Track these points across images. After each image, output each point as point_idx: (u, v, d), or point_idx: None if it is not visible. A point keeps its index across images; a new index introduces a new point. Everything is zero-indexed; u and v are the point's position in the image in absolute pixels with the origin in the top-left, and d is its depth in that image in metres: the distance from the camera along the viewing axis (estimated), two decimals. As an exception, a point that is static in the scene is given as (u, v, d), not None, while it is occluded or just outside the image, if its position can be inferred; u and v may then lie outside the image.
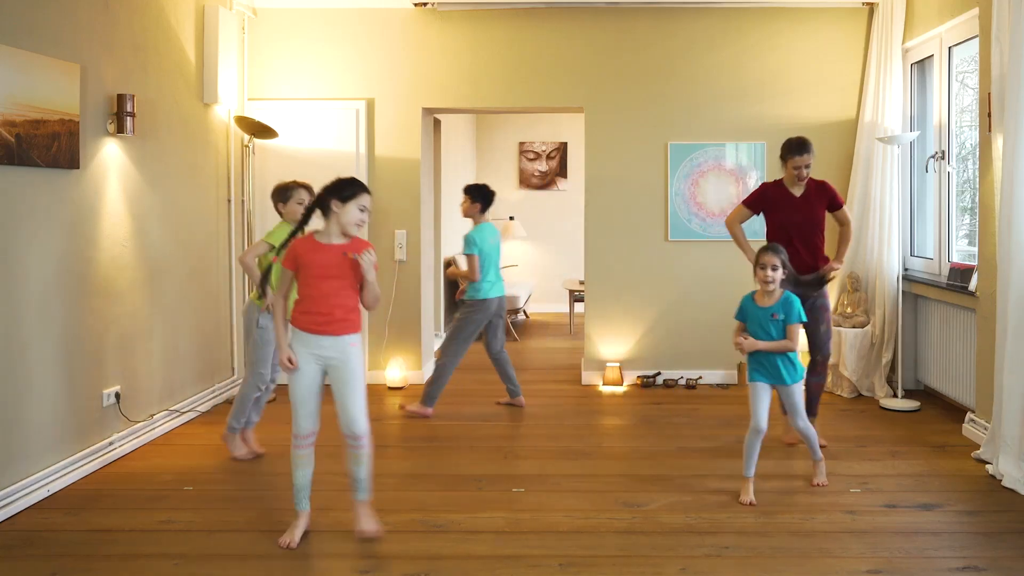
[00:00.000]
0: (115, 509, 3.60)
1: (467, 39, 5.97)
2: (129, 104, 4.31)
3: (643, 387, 5.94)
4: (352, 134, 5.96)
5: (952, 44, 5.03)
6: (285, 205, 4.11)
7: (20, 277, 3.61)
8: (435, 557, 3.10)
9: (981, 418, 4.45)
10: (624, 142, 6.00)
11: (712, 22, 5.94)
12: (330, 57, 5.96)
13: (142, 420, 4.56)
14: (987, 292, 4.36)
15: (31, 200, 3.68)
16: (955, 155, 5.12)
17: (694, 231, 5.98)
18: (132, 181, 4.50)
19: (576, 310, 8.58)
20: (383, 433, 4.75)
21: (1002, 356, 3.98)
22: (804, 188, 4.37)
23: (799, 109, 5.93)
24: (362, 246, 3.15)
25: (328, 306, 3.13)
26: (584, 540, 3.24)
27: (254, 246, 4.13)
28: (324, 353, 3.16)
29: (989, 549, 3.15)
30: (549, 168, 10.04)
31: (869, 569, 2.98)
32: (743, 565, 3.02)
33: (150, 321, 4.68)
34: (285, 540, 3.22)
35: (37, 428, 3.72)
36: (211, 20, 5.34)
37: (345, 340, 3.18)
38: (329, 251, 3.14)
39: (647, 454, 4.37)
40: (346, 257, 3.12)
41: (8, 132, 3.47)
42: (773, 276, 3.66)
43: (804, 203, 4.35)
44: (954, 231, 5.15)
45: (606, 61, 5.98)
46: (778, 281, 3.67)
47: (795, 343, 3.63)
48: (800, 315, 3.65)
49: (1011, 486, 3.76)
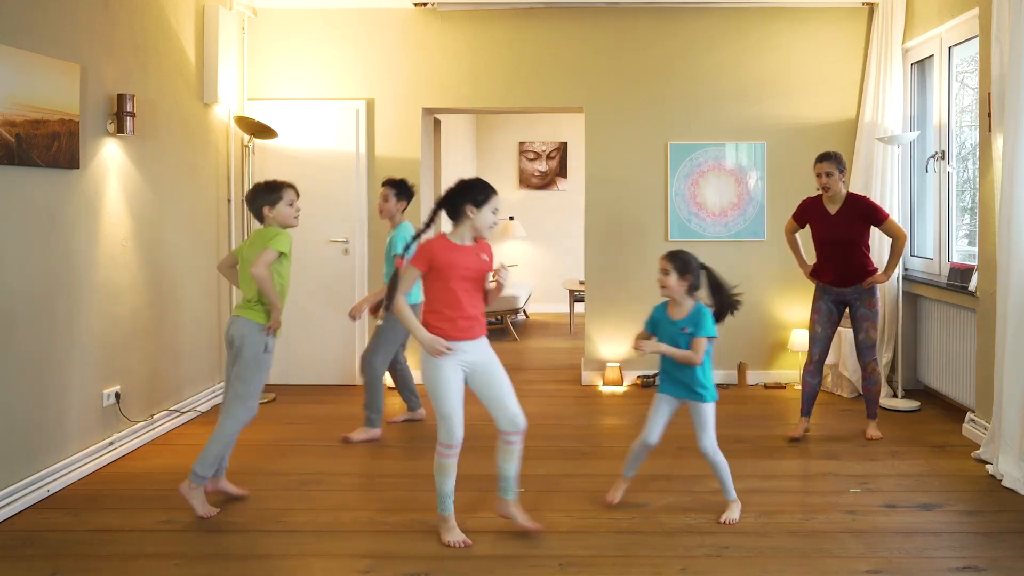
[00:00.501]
0: (115, 509, 3.60)
1: (467, 39, 5.97)
2: (129, 104, 4.31)
3: (643, 387, 5.94)
4: (352, 134, 5.96)
5: (952, 44, 5.03)
6: (273, 208, 3.59)
7: (20, 277, 3.61)
8: (435, 557, 3.10)
9: (981, 418, 4.45)
10: (624, 142, 6.00)
11: (712, 22, 5.94)
12: (330, 57, 5.97)
13: (142, 420, 4.56)
14: (987, 292, 4.36)
15: (31, 200, 3.68)
16: (955, 155, 5.12)
17: (694, 231, 5.98)
18: (132, 181, 4.50)
19: (576, 310, 8.58)
20: (383, 433, 4.75)
21: (1002, 356, 3.98)
22: (840, 205, 4.49)
23: (799, 109, 5.93)
24: (488, 249, 3.23)
25: (473, 309, 3.15)
26: (584, 540, 3.24)
27: (262, 256, 3.47)
28: (469, 358, 3.16)
29: (989, 549, 3.15)
30: (549, 168, 10.04)
31: (869, 569, 2.98)
32: (743, 565, 3.02)
33: (150, 321, 4.68)
34: (457, 540, 3.17)
35: (37, 428, 3.72)
36: (211, 20, 5.34)
37: (485, 341, 3.24)
38: (466, 253, 3.14)
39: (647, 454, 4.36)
40: (482, 260, 3.17)
41: (8, 132, 3.47)
42: (663, 281, 3.42)
43: (839, 220, 4.48)
44: (954, 231, 5.15)
45: (606, 61, 5.98)
46: (673, 288, 3.42)
47: (699, 356, 3.35)
48: (709, 330, 3.38)
49: (1011, 486, 3.76)
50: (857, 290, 4.49)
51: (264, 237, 3.56)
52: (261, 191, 3.63)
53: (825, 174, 4.45)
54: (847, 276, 4.49)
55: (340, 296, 5.94)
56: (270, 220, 3.61)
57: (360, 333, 5.96)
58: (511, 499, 3.29)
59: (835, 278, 4.52)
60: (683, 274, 3.41)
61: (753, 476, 3.97)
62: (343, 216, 5.95)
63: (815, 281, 4.66)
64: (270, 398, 5.55)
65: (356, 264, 5.96)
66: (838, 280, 4.52)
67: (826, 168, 4.45)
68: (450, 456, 3.16)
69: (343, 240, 5.95)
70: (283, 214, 3.61)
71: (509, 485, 3.27)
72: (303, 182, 5.86)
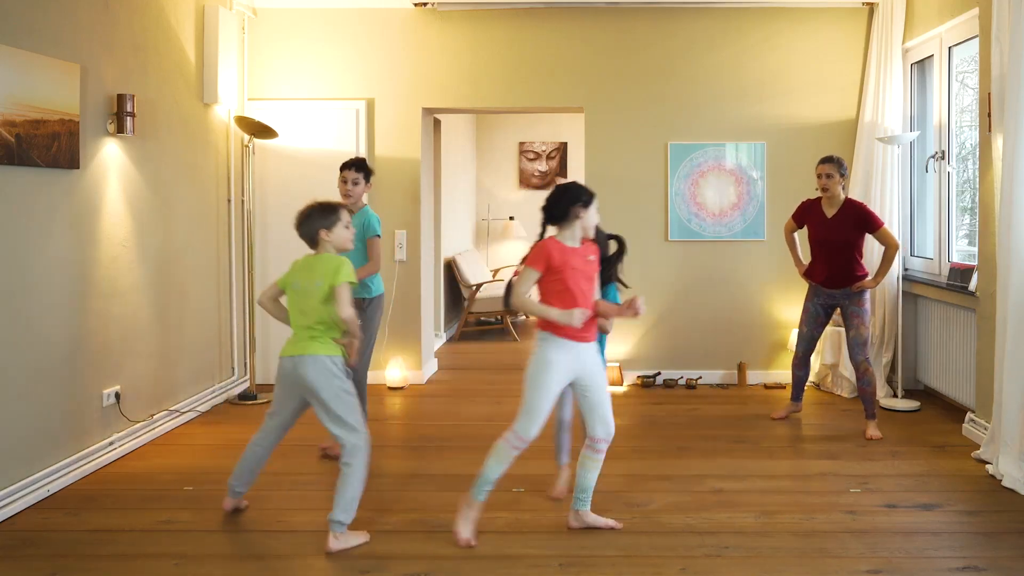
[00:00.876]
0: (115, 509, 3.60)
1: (467, 39, 5.97)
2: (129, 104, 4.32)
3: (643, 387, 5.94)
4: (352, 134, 5.96)
5: (952, 44, 5.03)
6: (331, 231, 3.29)
7: (20, 277, 3.61)
8: (435, 557, 3.10)
9: (981, 418, 4.45)
10: (624, 142, 6.00)
11: (712, 22, 5.94)
12: (330, 57, 5.97)
13: (142, 420, 4.57)
14: (987, 292, 4.36)
15: (31, 200, 3.68)
16: (955, 155, 5.12)
17: (694, 231, 5.98)
18: (132, 181, 4.50)
19: (576, 310, 8.55)
20: (383, 434, 4.75)
21: (1002, 356, 3.98)
22: (837, 209, 4.67)
23: (799, 109, 5.93)
24: (595, 249, 3.28)
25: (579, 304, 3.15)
26: (584, 540, 3.24)
27: (343, 295, 3.17)
28: (581, 359, 3.17)
29: (989, 549, 3.15)
30: (549, 168, 10.04)
31: (869, 569, 2.98)
32: (743, 565, 3.02)
33: (150, 321, 4.68)
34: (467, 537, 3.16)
35: (37, 428, 3.72)
36: (211, 20, 5.34)
37: (595, 345, 3.25)
38: (577, 254, 3.18)
39: (647, 454, 4.37)
40: (589, 260, 3.21)
41: (8, 132, 3.47)
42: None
43: (834, 223, 4.66)
44: (954, 231, 5.15)
45: (606, 61, 5.98)
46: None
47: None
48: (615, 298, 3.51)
49: (1011, 486, 3.76)
50: (846, 292, 4.67)
51: (327, 267, 3.22)
52: (317, 214, 3.31)
53: (826, 175, 4.64)
54: (838, 278, 4.67)
55: (340, 296, 5.93)
56: (326, 245, 3.30)
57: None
58: (587, 509, 3.33)
59: (826, 279, 4.70)
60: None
61: (753, 476, 3.97)
62: (343, 216, 5.93)
63: (808, 280, 4.85)
64: (270, 398, 5.54)
65: (356, 264, 5.95)
66: (828, 281, 4.70)
67: (827, 170, 4.64)
68: (517, 448, 3.16)
69: (343, 240, 5.94)
70: (342, 237, 3.33)
71: (588, 496, 3.31)
72: (303, 182, 5.92)
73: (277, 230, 5.95)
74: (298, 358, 3.22)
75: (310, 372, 3.19)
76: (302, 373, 3.20)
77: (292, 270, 3.34)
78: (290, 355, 3.26)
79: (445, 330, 7.99)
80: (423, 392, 5.84)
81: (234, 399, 5.54)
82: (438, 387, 6.03)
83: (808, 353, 4.89)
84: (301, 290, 3.26)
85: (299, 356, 3.22)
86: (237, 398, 5.54)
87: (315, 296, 3.21)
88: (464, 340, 7.99)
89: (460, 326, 8.16)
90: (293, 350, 3.26)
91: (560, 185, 3.26)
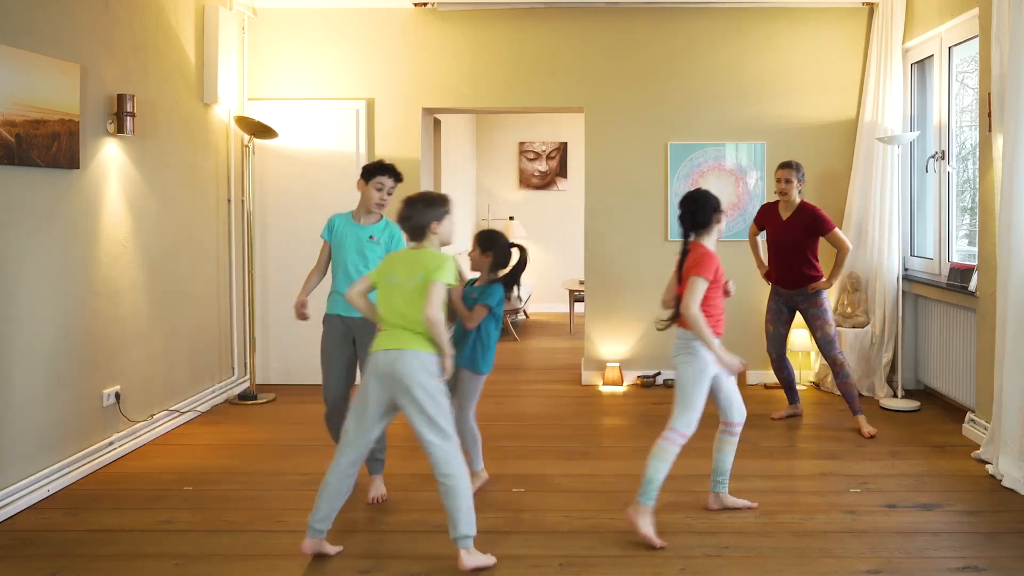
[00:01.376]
0: (115, 509, 3.60)
1: (467, 39, 5.97)
2: (129, 104, 4.31)
3: (643, 387, 5.94)
4: (352, 134, 5.95)
5: (952, 44, 5.02)
6: (440, 224, 3.12)
7: (20, 277, 3.61)
8: (435, 557, 3.10)
9: (981, 418, 4.45)
10: (624, 142, 6.00)
11: (712, 22, 5.94)
12: (330, 57, 5.96)
13: (142, 420, 4.56)
14: (987, 292, 4.36)
15: (31, 200, 3.68)
16: (955, 155, 5.12)
17: (694, 231, 5.97)
18: (132, 181, 4.50)
19: (576, 310, 8.57)
20: (383, 433, 4.75)
21: (1002, 356, 3.98)
22: (792, 211, 4.82)
23: (799, 109, 5.93)
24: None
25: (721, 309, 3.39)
26: (584, 540, 3.24)
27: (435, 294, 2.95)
28: (716, 355, 3.32)
29: (989, 549, 3.15)
30: (549, 168, 10.04)
31: (869, 569, 2.98)
32: (743, 565, 3.02)
33: (150, 321, 4.68)
34: (650, 534, 3.19)
35: (37, 428, 3.72)
36: (211, 20, 5.34)
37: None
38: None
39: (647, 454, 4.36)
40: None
41: (8, 132, 3.47)
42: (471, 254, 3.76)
43: (787, 226, 4.82)
44: (954, 231, 5.15)
45: (606, 61, 5.98)
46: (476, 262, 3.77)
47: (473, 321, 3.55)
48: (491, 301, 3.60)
49: (1011, 486, 3.76)
50: (802, 293, 4.79)
51: (431, 263, 3.01)
52: (428, 204, 3.11)
53: (785, 180, 4.78)
54: (792, 279, 4.82)
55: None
56: (432, 238, 3.12)
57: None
58: (726, 491, 3.53)
59: (781, 280, 4.86)
60: (485, 250, 3.69)
61: (753, 476, 3.97)
62: (343, 216, 5.94)
63: (768, 282, 5.03)
64: (270, 398, 5.55)
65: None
66: (784, 282, 4.86)
67: (786, 175, 4.78)
68: (678, 444, 3.28)
69: (343, 240, 5.94)
70: (447, 231, 3.15)
71: (726, 479, 3.52)
72: (303, 182, 5.92)
73: (277, 230, 5.95)
74: (396, 352, 2.95)
75: (408, 368, 2.93)
76: (399, 369, 2.93)
77: (389, 263, 3.12)
78: (386, 348, 2.98)
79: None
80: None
81: (234, 399, 5.54)
82: (438, 387, 6.03)
83: (781, 354, 4.99)
84: (398, 285, 3.02)
85: (397, 350, 2.96)
86: (237, 398, 5.54)
87: (414, 292, 2.98)
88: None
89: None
90: (390, 343, 2.98)
91: (697, 193, 3.39)
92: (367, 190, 3.71)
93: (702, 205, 3.33)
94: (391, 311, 3.02)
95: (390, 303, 3.03)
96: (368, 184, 3.69)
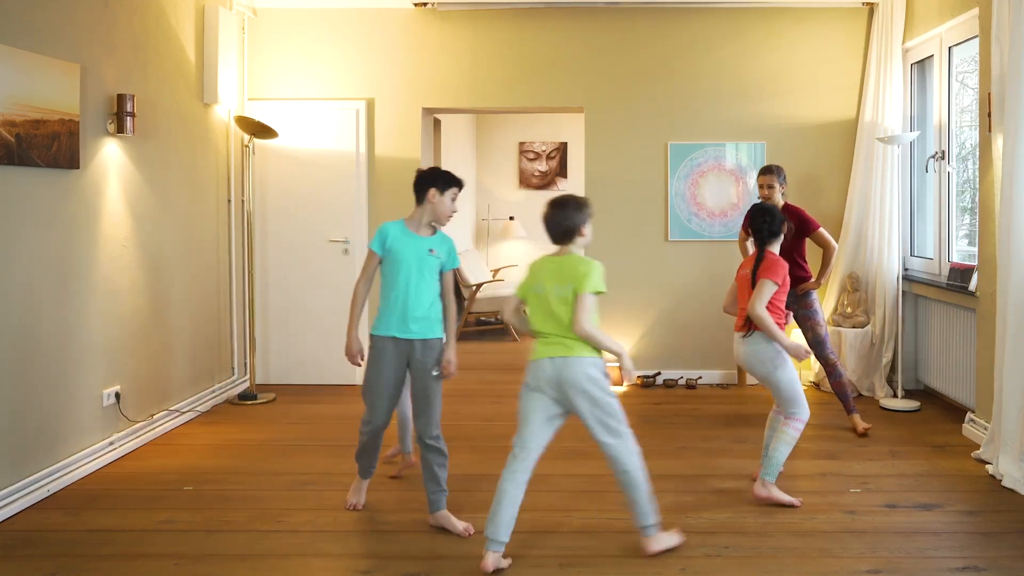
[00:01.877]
0: (115, 509, 3.60)
1: (467, 39, 5.97)
2: (129, 104, 4.31)
3: (643, 387, 5.94)
4: (352, 134, 5.96)
5: (952, 44, 5.02)
6: (586, 227, 3.09)
7: (20, 277, 3.61)
8: (435, 557, 3.10)
9: (981, 418, 4.45)
10: (624, 142, 6.00)
11: (712, 22, 5.94)
12: (330, 57, 5.97)
13: (142, 420, 4.57)
14: (987, 292, 4.36)
15: (31, 200, 3.68)
16: (955, 155, 5.12)
17: (694, 231, 5.98)
18: (132, 181, 4.50)
19: (576, 310, 8.55)
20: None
21: (1002, 356, 3.98)
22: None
23: (799, 109, 5.93)
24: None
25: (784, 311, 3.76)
26: (584, 540, 3.24)
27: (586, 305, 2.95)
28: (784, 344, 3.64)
29: (989, 549, 3.15)
30: (549, 168, 10.04)
31: (869, 569, 2.98)
32: (743, 565, 3.02)
33: (150, 321, 4.68)
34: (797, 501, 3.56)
35: (37, 428, 3.72)
36: (211, 20, 5.34)
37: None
38: None
39: (647, 454, 4.33)
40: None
41: (8, 132, 3.47)
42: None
43: None
44: (954, 231, 5.15)
45: (606, 61, 5.98)
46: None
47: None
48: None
49: (1011, 486, 3.76)
50: (792, 295, 4.72)
51: (577, 271, 2.96)
52: (576, 208, 3.04)
53: (767, 186, 4.81)
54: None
55: (340, 296, 5.94)
56: (578, 243, 3.07)
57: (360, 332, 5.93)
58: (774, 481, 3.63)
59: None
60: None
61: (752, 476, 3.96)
62: (343, 216, 5.94)
63: None
64: (270, 398, 5.55)
65: (356, 264, 5.95)
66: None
67: (768, 181, 4.81)
68: (799, 431, 3.63)
69: (343, 240, 5.95)
70: (590, 235, 3.11)
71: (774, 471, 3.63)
72: (303, 182, 5.93)
73: (277, 230, 5.96)
74: (560, 360, 2.95)
75: (578, 373, 2.93)
76: (568, 375, 2.94)
77: (534, 274, 3.07)
78: (550, 356, 2.96)
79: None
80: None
81: (234, 399, 5.54)
82: (438, 387, 6.03)
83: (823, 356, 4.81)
84: (547, 294, 2.99)
85: (562, 357, 2.95)
86: (237, 398, 5.54)
87: (565, 302, 2.96)
88: (464, 340, 7.99)
89: (460, 326, 8.16)
90: (553, 351, 2.97)
91: (767, 206, 3.78)
92: (441, 201, 3.41)
93: (774, 216, 3.72)
94: (546, 323, 3.01)
95: (543, 315, 3.01)
96: (443, 194, 3.41)
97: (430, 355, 3.36)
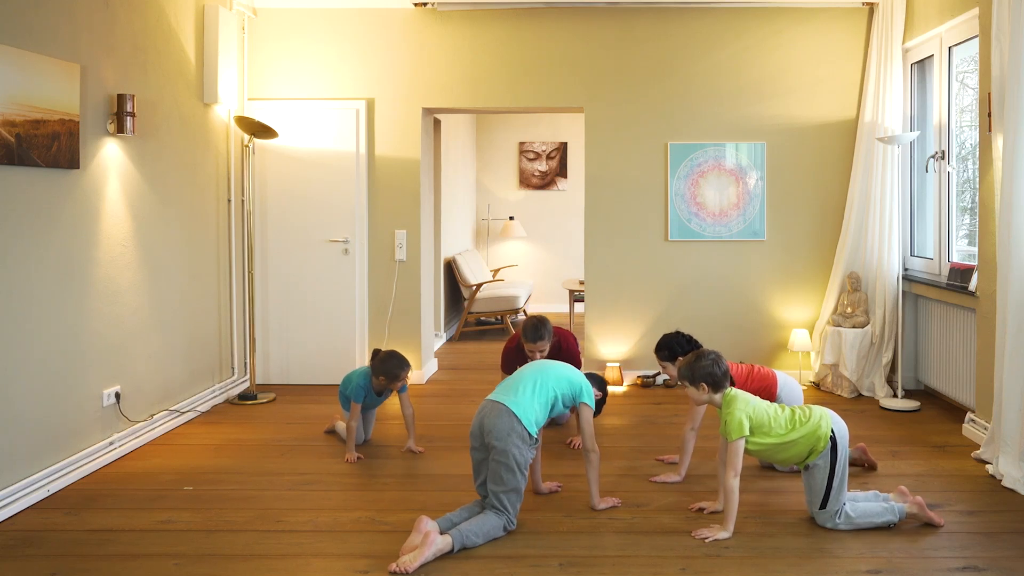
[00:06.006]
0: (115, 509, 3.60)
1: (467, 39, 5.97)
2: (129, 104, 4.31)
3: (643, 387, 5.94)
4: (352, 134, 5.96)
5: (952, 44, 5.03)
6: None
7: (20, 277, 3.61)
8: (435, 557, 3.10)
9: (981, 418, 4.45)
10: (624, 142, 6.00)
11: (712, 22, 5.94)
12: (330, 57, 5.97)
13: (142, 420, 4.57)
14: (987, 292, 4.36)
15: (31, 200, 3.68)
16: (955, 155, 5.12)
17: (694, 231, 5.98)
18: (132, 181, 4.50)
19: (576, 310, 8.58)
20: (383, 433, 4.76)
21: (1002, 356, 3.98)
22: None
23: (799, 109, 5.93)
24: None
25: None
26: (584, 540, 3.24)
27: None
28: None
29: (989, 549, 3.15)
30: (549, 168, 10.04)
31: (869, 569, 2.98)
32: (743, 565, 3.02)
33: (150, 321, 4.68)
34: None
35: (37, 428, 3.72)
36: (211, 20, 5.34)
37: None
38: None
39: (647, 454, 4.37)
40: None
41: (8, 132, 3.47)
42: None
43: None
44: (954, 231, 5.15)
45: (606, 61, 5.98)
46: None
47: None
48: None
49: (1011, 486, 3.76)
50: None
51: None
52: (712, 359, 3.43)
53: (538, 352, 4.50)
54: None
55: (340, 296, 5.95)
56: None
57: (360, 331, 5.96)
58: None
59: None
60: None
61: (753, 476, 3.96)
62: (343, 216, 5.95)
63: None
64: (270, 398, 5.55)
65: (356, 264, 5.96)
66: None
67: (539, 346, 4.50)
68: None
69: (343, 240, 5.95)
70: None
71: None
72: (303, 182, 5.93)
73: (277, 230, 5.96)
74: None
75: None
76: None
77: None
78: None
79: (445, 330, 7.99)
80: (423, 392, 5.84)
81: (234, 399, 5.54)
82: (438, 387, 6.04)
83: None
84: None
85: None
86: (237, 398, 5.54)
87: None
88: (464, 340, 7.99)
89: (460, 326, 8.16)
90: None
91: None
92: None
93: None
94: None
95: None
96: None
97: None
